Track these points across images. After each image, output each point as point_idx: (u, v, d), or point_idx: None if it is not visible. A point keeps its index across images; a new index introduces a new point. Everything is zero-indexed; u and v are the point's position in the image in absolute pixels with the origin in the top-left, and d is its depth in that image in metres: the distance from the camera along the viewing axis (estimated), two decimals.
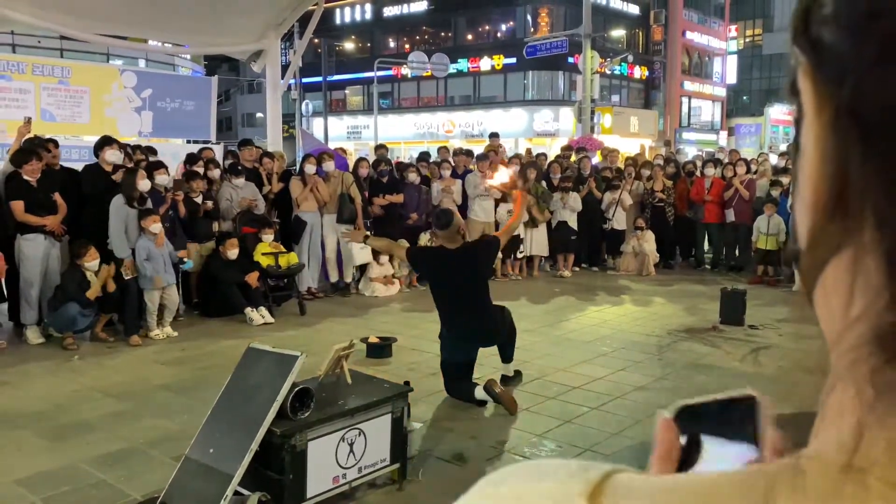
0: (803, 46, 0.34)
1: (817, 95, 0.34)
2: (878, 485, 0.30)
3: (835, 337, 0.34)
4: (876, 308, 0.31)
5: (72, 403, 5.00)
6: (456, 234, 5.08)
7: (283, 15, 10.46)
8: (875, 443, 0.31)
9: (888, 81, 0.30)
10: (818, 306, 0.35)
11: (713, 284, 9.11)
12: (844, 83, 0.32)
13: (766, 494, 0.32)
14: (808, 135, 0.35)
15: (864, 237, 0.32)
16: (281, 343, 6.22)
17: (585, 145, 14.00)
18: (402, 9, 35.07)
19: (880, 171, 0.31)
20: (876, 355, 0.31)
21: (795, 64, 0.35)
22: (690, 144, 35.02)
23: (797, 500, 0.31)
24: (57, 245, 6.78)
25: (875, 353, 0.31)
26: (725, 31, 41.84)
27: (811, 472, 0.32)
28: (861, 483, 0.30)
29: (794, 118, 0.38)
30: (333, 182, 8.92)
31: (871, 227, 0.32)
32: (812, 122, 0.35)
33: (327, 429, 3.36)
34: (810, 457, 0.33)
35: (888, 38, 0.30)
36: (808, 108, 0.35)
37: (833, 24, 0.32)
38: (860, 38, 0.31)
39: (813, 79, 0.34)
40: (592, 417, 4.72)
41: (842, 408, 0.33)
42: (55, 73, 9.07)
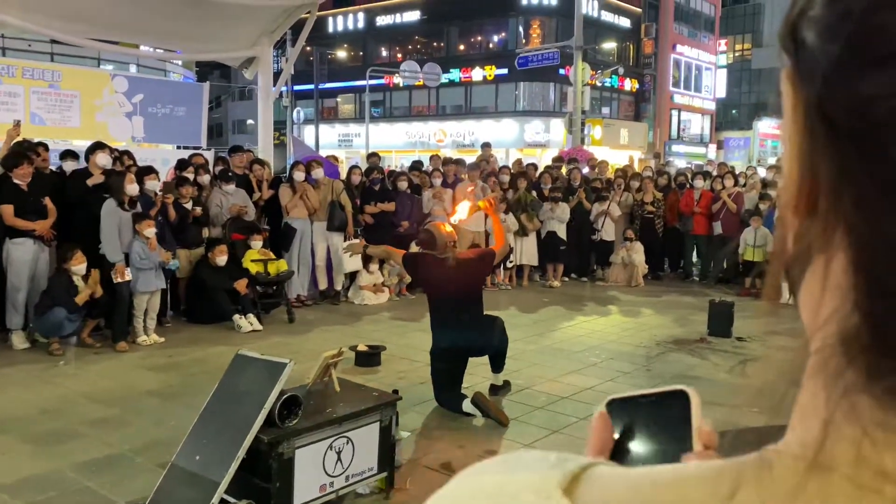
0: (788, 48, 0.35)
1: (794, 95, 0.35)
2: (842, 483, 0.31)
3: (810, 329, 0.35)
4: (842, 311, 0.32)
5: (57, 409, 4.96)
6: (444, 249, 5.08)
7: (276, 22, 10.48)
8: (839, 442, 0.31)
9: (852, 81, 0.31)
10: (801, 307, 0.36)
11: (701, 296, 9.16)
12: (814, 82, 0.33)
13: (733, 486, 0.32)
14: (784, 135, 0.36)
15: (835, 239, 0.32)
16: (269, 350, 6.19)
17: (576, 156, 14.06)
18: (394, 18, 35.17)
19: (846, 173, 0.31)
20: (840, 356, 0.32)
21: (781, 67, 0.36)
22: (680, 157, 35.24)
23: (763, 493, 0.32)
24: (46, 249, 6.74)
25: (839, 355, 0.32)
26: (715, 46, 42.23)
27: (777, 468, 0.33)
28: (826, 480, 0.31)
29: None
30: (323, 189, 8.92)
31: (840, 229, 0.32)
32: (787, 122, 0.35)
33: (315, 437, 3.35)
34: (778, 452, 0.34)
35: (854, 37, 0.31)
36: (785, 109, 0.36)
37: (815, 26, 0.33)
38: (829, 37, 0.32)
39: (792, 79, 0.35)
40: (581, 428, 4.72)
41: (811, 406, 0.34)
42: (45, 76, 9.04)
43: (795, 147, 0.35)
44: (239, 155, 9.22)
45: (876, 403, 0.31)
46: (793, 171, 0.35)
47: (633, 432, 0.43)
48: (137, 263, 6.74)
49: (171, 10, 8.94)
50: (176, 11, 9.00)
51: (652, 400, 0.43)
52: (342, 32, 36.92)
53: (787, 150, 0.36)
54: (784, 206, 0.36)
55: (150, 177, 7.36)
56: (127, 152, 8.15)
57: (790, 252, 0.36)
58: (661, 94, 37.87)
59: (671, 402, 0.43)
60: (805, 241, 0.34)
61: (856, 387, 0.31)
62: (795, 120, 0.35)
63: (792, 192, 0.35)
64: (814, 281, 0.34)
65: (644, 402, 0.44)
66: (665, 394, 0.43)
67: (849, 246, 0.32)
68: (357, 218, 9.17)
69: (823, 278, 0.33)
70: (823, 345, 0.33)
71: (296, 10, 10.37)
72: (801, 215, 0.35)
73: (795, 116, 0.34)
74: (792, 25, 0.34)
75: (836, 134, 0.32)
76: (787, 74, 0.35)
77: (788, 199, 0.35)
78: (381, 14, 35.37)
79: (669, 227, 11.19)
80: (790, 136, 0.35)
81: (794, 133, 0.35)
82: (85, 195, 6.92)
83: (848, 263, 0.32)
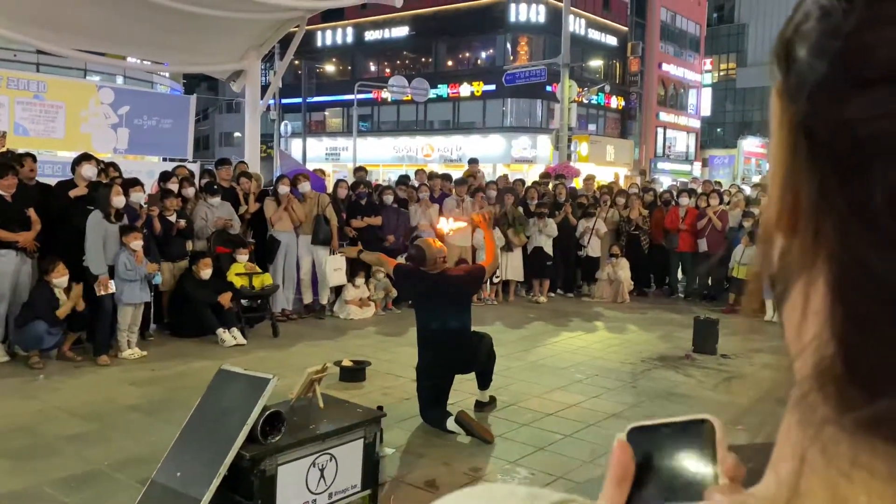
0: (780, 63, 0.34)
1: (780, 111, 0.34)
2: None
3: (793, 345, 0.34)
4: (821, 339, 0.31)
5: (36, 424, 4.87)
6: (434, 264, 5.07)
7: (264, 36, 10.49)
8: (814, 481, 0.31)
9: (836, 101, 0.30)
10: (785, 329, 0.35)
11: (686, 313, 9.20)
12: (800, 99, 0.32)
13: None
14: (770, 151, 0.35)
15: (816, 262, 0.32)
16: (253, 365, 6.14)
17: (563, 172, 14.13)
18: (383, 33, 35.34)
19: (826, 196, 0.31)
20: (815, 389, 0.31)
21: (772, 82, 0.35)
22: (665, 174, 35.54)
23: None
24: (28, 262, 6.66)
25: (815, 387, 0.31)
26: (700, 65, 42.75)
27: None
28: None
29: None
30: (309, 203, 8.90)
31: (821, 253, 0.31)
32: (773, 138, 0.35)
33: (298, 453, 3.31)
34: (756, 496, 0.33)
35: (841, 56, 0.30)
36: (773, 125, 0.35)
37: (805, 41, 0.32)
38: (818, 54, 0.31)
39: (780, 94, 0.34)
40: (566, 445, 4.71)
41: (787, 443, 0.33)
42: (30, 87, 8.98)
43: (779, 163, 0.34)
44: (226, 168, 9.18)
45: (848, 438, 0.30)
46: (776, 188, 0.34)
47: (654, 462, 0.41)
48: (123, 275, 6.67)
49: (159, 22, 8.92)
50: (164, 23, 8.98)
51: (674, 428, 0.42)
52: (331, 46, 37.03)
53: (772, 165, 0.35)
54: (766, 223, 0.36)
55: (135, 189, 7.31)
56: (113, 164, 8.09)
57: (773, 270, 0.35)
58: (647, 112, 38.23)
59: (694, 431, 0.41)
60: (787, 261, 0.34)
61: (829, 420, 0.30)
62: (781, 136, 0.34)
63: (775, 210, 0.34)
64: (795, 303, 0.33)
65: (666, 430, 0.42)
66: (688, 423, 0.42)
67: (829, 271, 0.31)
68: (343, 231, 9.15)
69: (804, 302, 0.32)
70: (801, 376, 0.32)
71: (284, 23, 10.39)
72: (783, 233, 0.34)
73: (781, 132, 0.34)
74: (786, 41, 0.34)
75: (818, 153, 0.31)
76: (777, 90, 0.35)
77: (771, 215, 0.35)
78: (369, 29, 35.53)
79: (655, 244, 11.25)
80: (775, 151, 0.34)
81: (778, 149, 0.34)
82: (69, 207, 6.86)
83: (826, 289, 0.31)
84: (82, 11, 8.53)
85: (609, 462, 0.42)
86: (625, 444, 0.42)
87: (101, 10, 8.43)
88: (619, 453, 0.42)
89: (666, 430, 0.42)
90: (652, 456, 0.41)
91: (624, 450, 0.42)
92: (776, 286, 0.35)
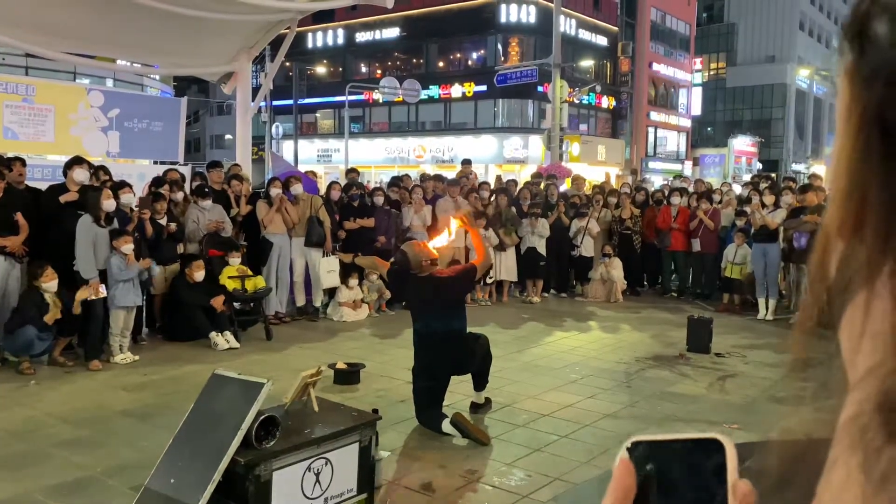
0: (852, 41, 0.29)
1: (850, 97, 0.29)
2: None
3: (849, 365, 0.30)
4: (885, 367, 0.27)
5: (27, 430, 4.83)
6: (421, 266, 5.05)
7: (255, 38, 10.45)
8: None
9: None
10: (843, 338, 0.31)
11: (680, 312, 9.20)
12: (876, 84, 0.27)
13: None
14: (836, 143, 0.31)
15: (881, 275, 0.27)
16: (246, 368, 6.11)
17: (554, 172, 14.14)
18: (374, 35, 35.29)
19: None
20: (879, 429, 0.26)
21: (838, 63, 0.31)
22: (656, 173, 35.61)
23: None
24: (17, 266, 6.60)
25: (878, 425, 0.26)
26: (691, 64, 42.89)
27: None
28: None
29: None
30: (302, 205, 8.87)
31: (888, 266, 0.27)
32: (840, 129, 0.30)
33: (293, 458, 3.29)
34: None
35: None
36: (839, 112, 0.30)
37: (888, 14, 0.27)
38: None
39: (851, 77, 0.29)
40: (562, 446, 4.70)
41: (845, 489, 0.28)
42: (19, 90, 8.89)
43: (845, 158, 0.29)
44: (217, 170, 9.14)
45: None
46: (839, 186, 0.30)
47: (657, 482, 0.38)
48: (117, 275, 6.62)
49: (148, 25, 8.87)
50: (154, 26, 8.92)
51: (681, 447, 0.39)
52: (322, 48, 36.96)
53: (836, 158, 0.30)
54: (827, 225, 0.31)
55: (124, 191, 7.27)
56: (102, 167, 8.03)
57: (832, 278, 0.31)
58: (638, 112, 38.32)
59: (703, 452, 0.38)
60: (848, 271, 0.29)
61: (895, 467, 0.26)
62: (849, 126, 0.29)
63: (837, 211, 0.30)
64: (854, 320, 0.29)
65: (673, 447, 0.39)
66: (696, 441, 0.39)
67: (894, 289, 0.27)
68: (336, 233, 9.12)
69: (864, 320, 0.28)
70: (860, 410, 0.27)
71: (275, 25, 10.34)
72: (845, 238, 0.30)
73: (850, 123, 0.29)
74: (862, 14, 0.29)
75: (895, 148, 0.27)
76: (847, 73, 0.29)
77: (832, 217, 0.30)
78: (360, 30, 35.47)
79: (647, 244, 11.26)
80: (841, 143, 0.30)
81: (845, 141, 0.29)
82: (59, 211, 6.80)
83: (893, 308, 0.27)
84: (71, 14, 8.47)
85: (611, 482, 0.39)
86: (627, 463, 0.39)
87: (91, 12, 8.37)
88: (620, 472, 0.39)
89: (673, 448, 0.39)
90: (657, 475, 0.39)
91: (627, 470, 0.39)
92: (833, 299, 0.31)
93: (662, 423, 5.16)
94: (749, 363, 6.99)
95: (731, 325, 8.75)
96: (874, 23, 0.28)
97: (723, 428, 5.06)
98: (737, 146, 41.68)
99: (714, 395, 5.95)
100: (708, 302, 10.42)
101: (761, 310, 9.44)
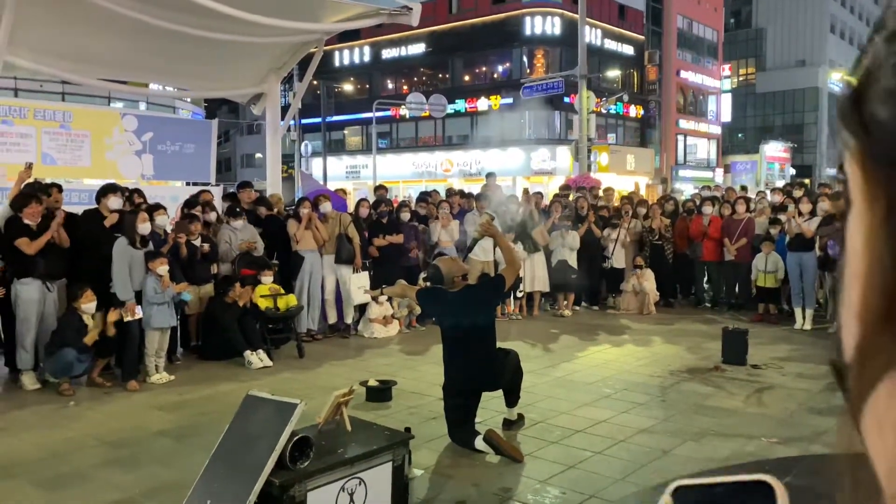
0: (852, 127, 0.29)
1: (869, 184, 0.28)
2: None
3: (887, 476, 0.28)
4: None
5: (67, 451, 4.92)
6: (452, 282, 5.05)
7: (283, 59, 10.60)
8: None
9: None
10: (867, 433, 0.29)
11: (714, 323, 9.07)
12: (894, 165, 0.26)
13: None
14: (857, 229, 0.29)
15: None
16: (279, 387, 6.16)
17: (583, 184, 14.07)
18: (399, 51, 35.61)
19: None
20: None
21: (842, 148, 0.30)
22: (687, 182, 35.29)
23: None
24: (54, 289, 6.75)
25: None
26: (719, 71, 42.50)
27: None
28: None
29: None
30: (331, 223, 8.95)
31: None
32: (862, 216, 0.29)
33: (327, 478, 3.30)
34: None
35: None
36: (856, 199, 0.29)
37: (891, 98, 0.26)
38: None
39: (863, 164, 0.28)
40: (596, 462, 4.65)
41: None
42: (56, 117, 9.14)
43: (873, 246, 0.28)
44: (247, 190, 9.28)
45: None
46: (869, 274, 0.28)
47: None
48: (152, 298, 6.74)
49: (179, 50, 9.06)
50: (184, 51, 9.12)
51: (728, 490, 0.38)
52: (348, 66, 37.40)
53: (861, 248, 0.29)
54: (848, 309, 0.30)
55: (158, 213, 7.41)
56: (137, 190, 8.21)
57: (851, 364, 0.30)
58: (667, 120, 38.04)
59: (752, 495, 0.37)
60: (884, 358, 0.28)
61: None
62: (873, 213, 0.28)
63: (868, 299, 0.29)
64: (880, 412, 0.28)
65: (719, 491, 0.38)
66: (744, 484, 0.37)
67: None
68: (366, 250, 9.18)
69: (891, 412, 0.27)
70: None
71: (303, 46, 10.49)
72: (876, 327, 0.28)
73: (874, 209, 0.28)
74: (855, 100, 0.28)
75: None
76: (857, 159, 0.29)
77: (860, 305, 0.29)
78: (386, 47, 35.82)
79: (679, 254, 11.13)
80: (866, 232, 0.29)
81: (871, 229, 0.28)
82: (96, 235, 6.94)
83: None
84: (105, 43, 8.69)
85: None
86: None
87: (124, 40, 8.58)
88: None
89: (719, 491, 0.38)
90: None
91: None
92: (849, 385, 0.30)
93: (699, 437, 5.07)
94: (786, 375, 6.85)
95: (766, 335, 8.59)
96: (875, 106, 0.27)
97: (761, 442, 4.96)
98: (769, 152, 41.10)
99: (751, 409, 5.83)
100: (742, 312, 10.24)
101: (798, 319, 9.26)
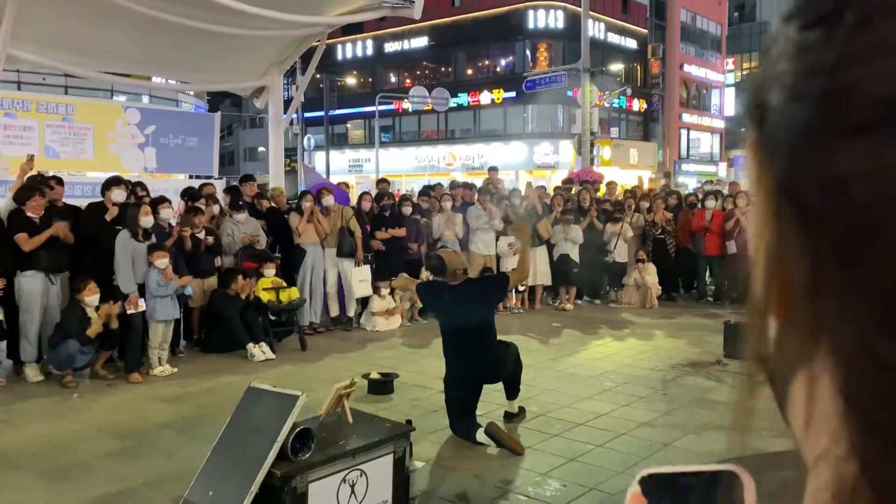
0: (750, 113, 0.28)
1: (757, 171, 0.28)
2: None
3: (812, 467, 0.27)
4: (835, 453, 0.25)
5: (71, 443, 4.94)
6: (454, 275, 5.07)
7: (286, 52, 10.60)
8: None
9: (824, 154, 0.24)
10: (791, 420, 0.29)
11: (716, 317, 9.07)
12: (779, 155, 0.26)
13: None
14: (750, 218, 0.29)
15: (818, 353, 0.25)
16: (281, 379, 6.18)
17: (586, 178, 14.06)
18: (402, 45, 35.54)
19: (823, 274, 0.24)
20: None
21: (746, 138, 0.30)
22: (690, 176, 35.21)
23: None
24: (57, 282, 6.77)
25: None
26: (723, 64, 42.34)
27: None
28: None
29: None
30: (333, 216, 8.96)
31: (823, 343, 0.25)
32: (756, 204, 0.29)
33: (328, 470, 3.31)
34: None
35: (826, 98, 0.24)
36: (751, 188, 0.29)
37: (780, 84, 0.26)
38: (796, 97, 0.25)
39: (755, 152, 0.28)
40: (598, 455, 4.66)
41: None
42: (59, 110, 9.16)
43: (762, 235, 0.28)
44: (250, 184, 9.30)
45: None
46: (761, 264, 0.28)
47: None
48: (155, 291, 6.76)
49: (182, 43, 9.06)
50: (187, 44, 9.11)
51: (697, 480, 0.38)
52: (351, 59, 37.33)
53: (753, 236, 0.29)
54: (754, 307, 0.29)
55: (163, 206, 7.43)
56: (140, 183, 8.22)
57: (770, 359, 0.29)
58: (670, 114, 37.94)
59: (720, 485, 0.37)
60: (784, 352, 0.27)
61: None
62: (760, 201, 0.28)
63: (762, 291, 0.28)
64: (798, 402, 0.27)
65: (686, 481, 0.38)
66: (712, 474, 0.37)
67: (834, 366, 0.25)
68: (368, 244, 9.19)
69: (808, 402, 0.26)
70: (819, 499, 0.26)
71: (305, 39, 10.48)
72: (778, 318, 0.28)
73: (759, 197, 0.28)
74: (757, 87, 0.28)
75: (809, 222, 0.25)
76: (751, 146, 0.28)
77: (758, 298, 0.29)
78: (389, 41, 35.74)
79: (682, 248, 11.12)
80: (756, 220, 0.28)
81: (760, 217, 0.28)
82: (99, 228, 6.97)
83: (834, 390, 0.25)
84: (107, 36, 8.69)
85: None
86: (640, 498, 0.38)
87: (126, 33, 8.58)
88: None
89: (686, 481, 0.38)
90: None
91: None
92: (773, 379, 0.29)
93: (700, 431, 5.08)
94: None
95: None
96: (769, 94, 0.27)
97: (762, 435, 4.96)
98: None
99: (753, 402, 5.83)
100: None
101: None
